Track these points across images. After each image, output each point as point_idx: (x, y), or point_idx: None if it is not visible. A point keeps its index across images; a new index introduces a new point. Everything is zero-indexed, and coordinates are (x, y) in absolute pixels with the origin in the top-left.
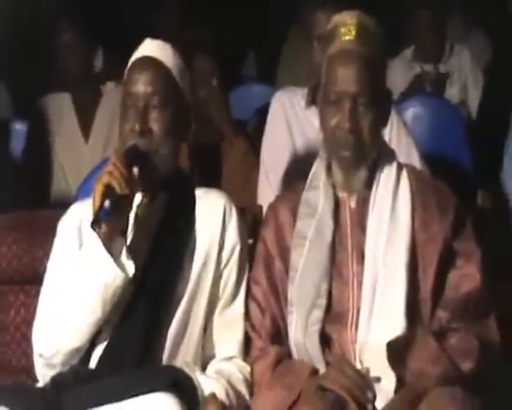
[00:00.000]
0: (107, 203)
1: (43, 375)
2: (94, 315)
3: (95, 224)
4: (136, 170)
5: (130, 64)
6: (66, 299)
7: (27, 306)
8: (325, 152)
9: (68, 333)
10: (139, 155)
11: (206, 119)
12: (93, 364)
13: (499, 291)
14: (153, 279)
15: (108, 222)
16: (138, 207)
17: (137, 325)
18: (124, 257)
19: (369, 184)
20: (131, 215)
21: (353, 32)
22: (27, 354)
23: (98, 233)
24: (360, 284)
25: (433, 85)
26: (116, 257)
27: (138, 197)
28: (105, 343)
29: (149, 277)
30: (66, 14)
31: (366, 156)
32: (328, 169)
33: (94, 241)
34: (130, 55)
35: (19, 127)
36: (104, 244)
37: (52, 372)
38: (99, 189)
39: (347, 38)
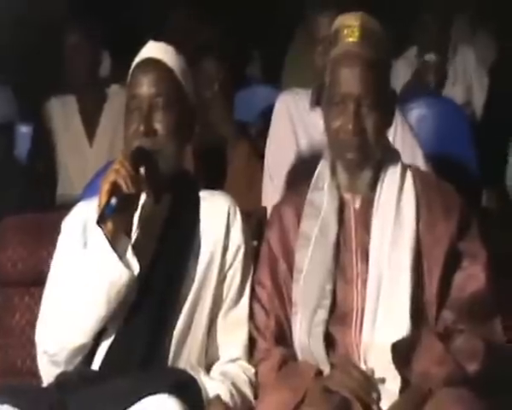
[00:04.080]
0: (113, 200)
1: (47, 373)
2: (99, 313)
3: (100, 221)
4: (142, 170)
5: (133, 66)
6: (71, 296)
7: (32, 308)
8: (329, 153)
9: (73, 330)
10: (145, 156)
11: (211, 121)
12: (97, 362)
13: (504, 291)
14: (158, 279)
15: (114, 220)
16: (143, 207)
17: (142, 324)
18: (129, 255)
19: (373, 185)
20: (136, 215)
21: (357, 34)
22: (32, 356)
23: (103, 231)
24: (364, 284)
25: (435, 75)
26: (121, 255)
27: (143, 197)
28: (110, 342)
29: (154, 276)
30: (73, 17)
31: (370, 157)
32: (333, 170)
33: (99, 238)
34: None
35: (24, 130)
36: (109, 242)
37: (56, 370)
38: (105, 186)
39: (351, 39)
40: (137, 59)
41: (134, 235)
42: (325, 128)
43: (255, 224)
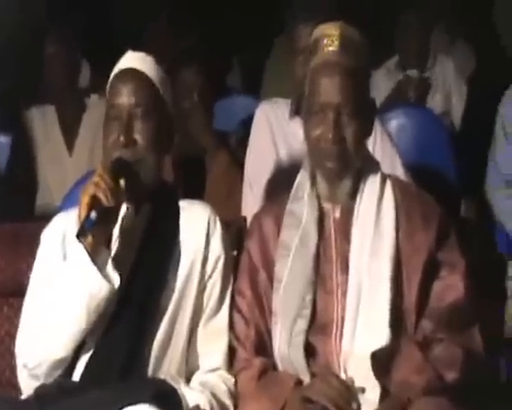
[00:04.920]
0: (92, 215)
1: (27, 386)
2: (79, 326)
3: (80, 235)
4: (122, 182)
5: (112, 76)
6: (50, 309)
7: (11, 319)
8: (309, 163)
9: (53, 343)
10: (125, 167)
11: (190, 131)
12: (77, 375)
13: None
14: (137, 290)
15: (93, 233)
16: (123, 218)
17: (122, 336)
18: (109, 268)
19: (353, 194)
20: (116, 227)
21: (336, 43)
22: (12, 366)
23: (83, 244)
24: (344, 294)
25: (416, 90)
26: (101, 268)
27: (123, 209)
28: (90, 354)
29: (134, 288)
30: (52, 25)
31: (350, 166)
32: (313, 180)
33: (79, 252)
34: None
35: (2, 140)
36: (89, 255)
37: (36, 383)
38: (85, 200)
39: (330, 49)
40: (116, 69)
41: (114, 246)
42: (305, 137)
43: (235, 233)
